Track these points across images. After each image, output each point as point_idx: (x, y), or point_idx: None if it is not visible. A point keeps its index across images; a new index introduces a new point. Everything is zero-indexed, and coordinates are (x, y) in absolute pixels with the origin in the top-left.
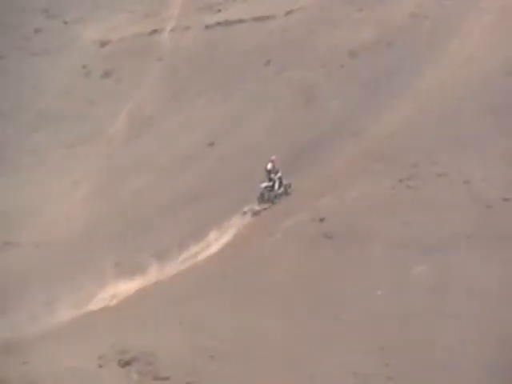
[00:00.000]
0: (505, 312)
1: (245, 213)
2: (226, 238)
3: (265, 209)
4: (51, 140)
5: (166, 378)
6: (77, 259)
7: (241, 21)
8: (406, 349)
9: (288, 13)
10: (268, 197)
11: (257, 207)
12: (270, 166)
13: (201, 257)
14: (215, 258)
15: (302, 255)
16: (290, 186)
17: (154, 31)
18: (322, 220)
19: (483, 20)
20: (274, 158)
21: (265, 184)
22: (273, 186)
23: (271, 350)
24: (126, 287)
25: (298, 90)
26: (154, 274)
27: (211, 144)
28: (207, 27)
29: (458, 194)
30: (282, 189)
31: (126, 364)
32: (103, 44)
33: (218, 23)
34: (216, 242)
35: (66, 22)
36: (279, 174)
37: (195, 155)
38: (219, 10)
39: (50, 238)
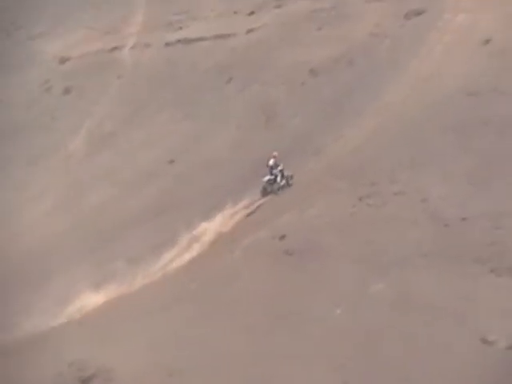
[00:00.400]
0: (461, 330)
1: (195, 236)
2: (189, 254)
3: (260, 205)
4: (12, 154)
5: None
6: (40, 274)
7: (202, 38)
8: (365, 366)
9: (249, 31)
10: (271, 189)
11: (213, 227)
12: (271, 162)
13: (165, 271)
14: (179, 273)
15: (263, 272)
16: (291, 177)
17: (115, 48)
18: (282, 237)
19: (442, 39)
20: (275, 153)
21: (267, 177)
22: (275, 179)
23: (232, 367)
24: (91, 301)
25: (260, 107)
26: (117, 287)
27: (171, 161)
28: (168, 44)
29: (416, 212)
30: (284, 181)
31: (84, 382)
32: (64, 60)
33: (179, 41)
34: (179, 257)
35: (27, 38)
36: (280, 168)
37: (155, 172)
38: (180, 28)
39: (11, 252)
